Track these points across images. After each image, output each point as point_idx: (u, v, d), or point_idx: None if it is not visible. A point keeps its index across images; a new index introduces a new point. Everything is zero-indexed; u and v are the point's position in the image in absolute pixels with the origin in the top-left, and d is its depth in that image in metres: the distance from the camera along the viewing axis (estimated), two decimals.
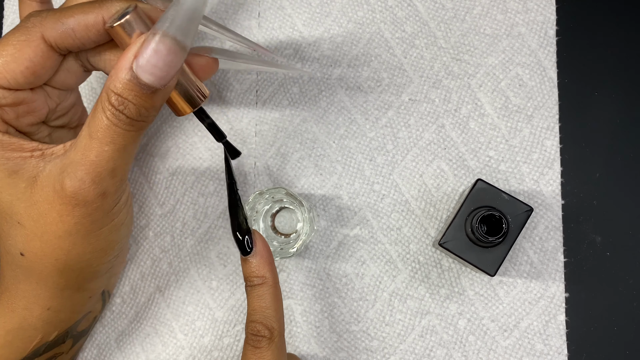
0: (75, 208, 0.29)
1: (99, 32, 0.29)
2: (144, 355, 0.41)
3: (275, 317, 0.32)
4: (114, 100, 0.27)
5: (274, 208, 0.41)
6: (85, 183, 0.28)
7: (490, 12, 0.41)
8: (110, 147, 0.28)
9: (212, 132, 0.32)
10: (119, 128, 0.27)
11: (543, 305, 0.39)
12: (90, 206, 0.29)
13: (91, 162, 0.28)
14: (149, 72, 0.26)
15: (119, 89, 0.27)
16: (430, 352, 0.39)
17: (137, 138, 0.29)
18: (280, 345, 0.32)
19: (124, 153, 0.28)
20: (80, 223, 0.29)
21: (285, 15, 0.42)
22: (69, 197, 0.28)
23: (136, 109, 0.27)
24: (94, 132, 0.28)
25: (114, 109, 0.27)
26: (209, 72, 0.32)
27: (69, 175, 0.28)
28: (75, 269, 0.31)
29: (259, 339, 0.31)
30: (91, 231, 0.30)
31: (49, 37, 0.29)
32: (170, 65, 0.26)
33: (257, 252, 0.32)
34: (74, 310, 0.34)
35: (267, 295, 0.32)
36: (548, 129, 0.40)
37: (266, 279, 0.32)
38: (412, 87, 0.41)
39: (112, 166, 0.28)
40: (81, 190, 0.28)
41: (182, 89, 0.30)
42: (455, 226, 0.35)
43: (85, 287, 0.33)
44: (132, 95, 0.27)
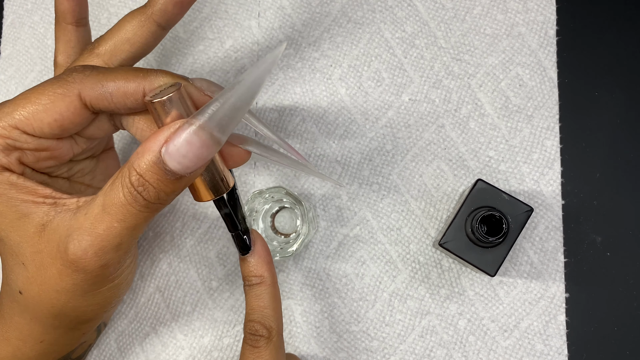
0: (74, 273, 0.28)
1: (137, 102, 0.29)
2: (143, 355, 0.41)
3: (274, 317, 0.32)
4: (134, 179, 0.26)
5: (274, 208, 0.41)
6: (88, 254, 0.28)
7: (491, 12, 0.41)
8: (121, 224, 0.27)
9: (227, 223, 0.31)
10: (133, 208, 0.27)
11: (543, 306, 0.39)
12: (89, 274, 0.29)
13: (98, 234, 0.27)
14: (177, 161, 0.25)
15: (142, 169, 0.26)
16: (431, 352, 0.39)
17: (150, 218, 0.28)
18: (279, 345, 0.32)
19: (133, 231, 0.28)
20: (78, 285, 0.29)
21: (285, 15, 0.42)
22: (70, 262, 0.28)
23: (156, 192, 0.26)
24: (108, 207, 0.27)
25: (133, 189, 0.26)
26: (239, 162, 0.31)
27: (73, 242, 0.28)
28: (70, 316, 0.31)
29: (257, 338, 0.31)
30: (89, 291, 0.30)
31: (86, 96, 0.28)
32: (200, 157, 0.26)
33: (256, 252, 0.32)
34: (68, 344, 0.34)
35: (265, 295, 0.32)
36: (548, 129, 0.40)
37: (264, 279, 0.32)
38: (412, 87, 0.41)
39: (119, 242, 0.28)
40: (82, 260, 0.28)
41: (207, 176, 0.29)
42: (455, 226, 0.35)
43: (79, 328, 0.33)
44: (154, 179, 0.26)
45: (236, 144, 0.30)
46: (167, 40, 0.43)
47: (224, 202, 0.31)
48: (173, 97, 0.27)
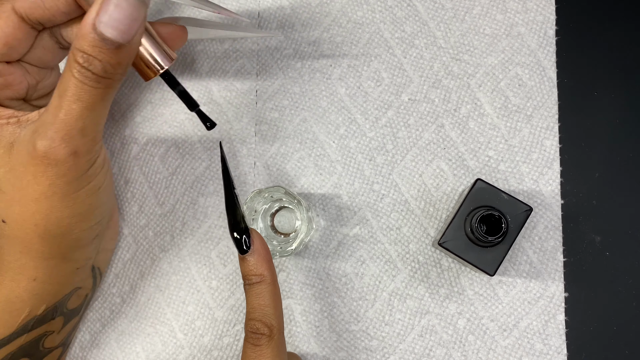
0: (48, 168, 0.29)
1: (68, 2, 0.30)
2: (144, 354, 0.41)
3: (275, 315, 0.32)
4: (79, 58, 0.27)
5: (274, 207, 0.41)
6: (55, 142, 0.28)
7: (490, 12, 0.41)
8: (78, 104, 0.28)
9: (184, 100, 0.32)
10: (85, 85, 0.28)
11: (542, 305, 0.39)
12: (62, 166, 0.29)
13: (60, 120, 0.28)
14: (112, 27, 0.27)
15: (83, 46, 0.27)
16: (430, 351, 0.39)
17: (106, 96, 0.29)
18: (280, 343, 0.32)
19: (93, 112, 0.29)
20: (55, 184, 0.30)
21: (285, 15, 0.42)
22: (41, 157, 0.29)
23: (102, 65, 0.27)
24: (62, 92, 0.28)
25: (80, 67, 0.27)
26: (177, 41, 0.33)
27: (39, 136, 0.28)
28: (56, 234, 0.31)
29: (259, 336, 0.31)
30: (67, 193, 0.30)
31: (19, 9, 0.30)
32: (132, 18, 0.27)
33: (255, 251, 0.32)
34: (61, 282, 0.34)
35: (266, 293, 0.32)
36: (547, 128, 0.40)
37: (264, 277, 0.32)
38: (411, 87, 0.41)
39: (82, 125, 0.29)
40: (51, 149, 0.28)
41: (148, 53, 0.30)
42: (454, 226, 0.35)
43: (70, 257, 0.33)
44: (96, 52, 0.27)
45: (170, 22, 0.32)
46: None
47: (174, 80, 0.32)
48: None
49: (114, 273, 0.42)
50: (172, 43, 0.33)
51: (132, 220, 0.42)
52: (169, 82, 0.32)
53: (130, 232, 0.42)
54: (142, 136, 0.43)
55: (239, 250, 0.32)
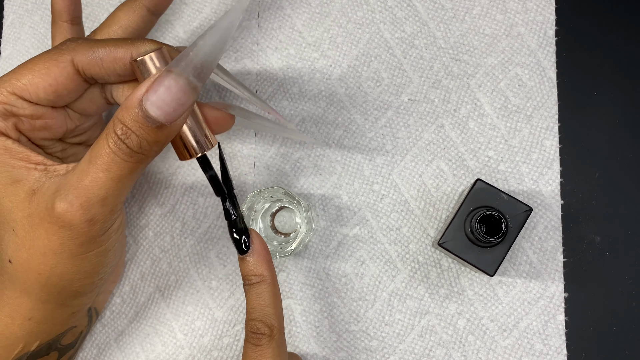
0: (61, 229, 0.29)
1: (125, 67, 0.31)
2: (143, 355, 0.41)
3: (275, 315, 0.32)
4: (118, 130, 0.28)
5: (273, 207, 0.41)
6: (74, 207, 0.28)
7: (490, 12, 0.41)
8: (105, 174, 0.28)
9: (213, 185, 0.32)
10: (117, 157, 0.28)
11: (542, 305, 0.39)
12: (75, 230, 0.29)
13: (83, 187, 0.28)
14: (157, 107, 0.27)
15: (125, 119, 0.27)
16: (430, 351, 0.39)
17: (135, 171, 0.29)
18: (281, 343, 0.32)
19: (118, 183, 0.29)
20: (65, 244, 0.30)
21: (285, 15, 0.42)
22: (56, 217, 0.29)
23: (138, 140, 0.28)
24: (93, 158, 0.28)
25: (117, 138, 0.28)
26: (223, 126, 0.33)
27: (59, 196, 0.29)
28: (57, 285, 0.31)
29: (259, 336, 0.31)
30: (76, 254, 0.30)
31: (78, 62, 0.30)
32: (179, 103, 0.27)
33: (255, 251, 0.32)
34: (56, 323, 0.34)
35: (266, 293, 0.32)
36: (547, 129, 0.40)
37: (264, 277, 0.32)
38: (411, 87, 0.41)
39: (104, 194, 0.29)
40: (68, 214, 0.28)
41: (190, 133, 0.30)
42: (454, 226, 0.35)
43: (67, 304, 0.33)
44: (136, 127, 0.27)
45: (219, 109, 0.32)
46: (167, 41, 0.43)
47: (208, 163, 0.32)
48: (154, 55, 0.29)
49: None
50: (216, 127, 0.33)
51: (132, 220, 0.42)
52: (202, 165, 0.32)
53: (130, 232, 0.42)
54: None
55: (238, 250, 0.32)
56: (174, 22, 0.43)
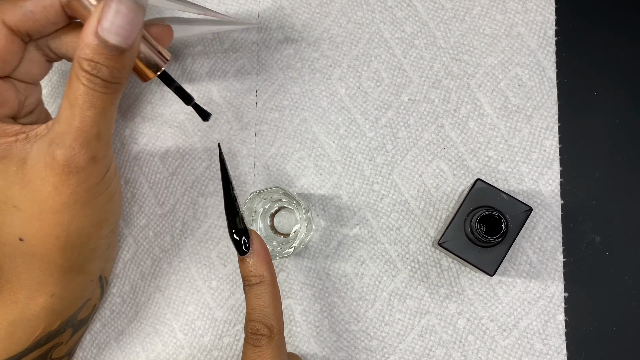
0: (70, 176, 0.29)
1: (57, 12, 0.31)
2: (144, 354, 0.41)
3: (274, 316, 0.32)
4: (86, 66, 0.28)
5: (273, 208, 0.41)
6: (75, 149, 0.29)
7: (490, 12, 0.41)
8: (92, 111, 0.29)
9: (180, 95, 0.33)
10: (96, 92, 0.28)
11: (542, 305, 0.39)
12: (83, 172, 0.29)
13: (76, 128, 0.29)
14: (115, 33, 0.27)
15: (89, 54, 0.28)
16: (430, 351, 0.39)
17: (115, 100, 0.30)
18: (280, 344, 0.32)
19: (105, 116, 0.29)
20: (76, 192, 0.30)
21: (285, 15, 0.42)
22: (62, 166, 0.29)
23: (109, 70, 0.28)
24: (73, 101, 0.28)
25: (89, 74, 0.28)
26: (165, 39, 0.34)
27: (58, 146, 0.29)
28: (76, 245, 0.32)
29: (259, 337, 0.31)
30: (87, 201, 0.31)
31: (9, 22, 0.30)
32: (133, 23, 0.28)
33: (254, 252, 0.32)
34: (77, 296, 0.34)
35: (265, 294, 0.32)
36: (547, 128, 0.40)
37: (264, 278, 0.32)
38: (411, 87, 0.41)
39: (97, 130, 0.29)
40: (72, 157, 0.29)
41: (145, 55, 0.32)
42: (454, 226, 0.35)
43: (86, 269, 0.33)
44: (102, 58, 0.28)
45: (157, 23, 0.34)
46: None
47: (170, 78, 0.33)
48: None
49: (114, 273, 0.42)
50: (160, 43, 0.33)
51: (132, 220, 0.42)
52: (165, 80, 0.33)
53: (130, 232, 0.42)
54: (142, 136, 0.43)
55: (238, 251, 0.32)
56: None
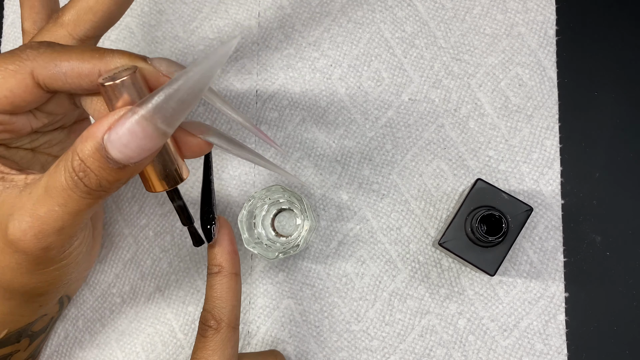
0: (15, 253, 0.27)
1: (92, 84, 0.27)
2: (144, 354, 0.41)
3: (226, 309, 0.31)
4: (76, 164, 0.25)
5: (272, 211, 0.41)
6: (27, 236, 0.26)
7: (490, 12, 0.41)
8: (62, 209, 0.26)
9: (180, 214, 0.30)
10: (74, 194, 0.26)
11: (543, 305, 0.39)
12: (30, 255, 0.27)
13: (38, 217, 0.26)
14: (118, 150, 0.24)
15: (84, 155, 0.25)
16: (430, 351, 0.39)
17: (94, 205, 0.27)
18: (227, 338, 0.31)
19: (76, 217, 0.27)
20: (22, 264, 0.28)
21: (285, 15, 0.42)
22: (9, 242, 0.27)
23: (97, 180, 0.25)
24: (50, 189, 0.26)
25: (74, 174, 0.25)
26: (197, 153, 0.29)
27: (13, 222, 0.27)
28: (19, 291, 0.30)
29: (206, 328, 0.31)
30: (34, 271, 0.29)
31: (38, 75, 0.27)
32: (143, 149, 0.24)
33: (217, 240, 0.32)
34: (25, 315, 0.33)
35: (219, 285, 0.32)
36: (548, 128, 0.40)
37: (222, 268, 0.32)
38: (411, 86, 0.41)
39: (60, 226, 0.26)
40: (21, 242, 0.27)
41: (159, 166, 0.27)
42: (454, 226, 0.35)
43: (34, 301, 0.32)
44: (95, 166, 0.25)
45: (196, 134, 0.28)
46: (167, 40, 0.43)
47: (177, 194, 0.30)
48: (125, 82, 0.26)
49: (114, 273, 0.42)
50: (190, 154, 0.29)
51: (133, 220, 0.42)
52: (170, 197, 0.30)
53: (130, 232, 0.42)
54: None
55: (206, 238, 0.32)
56: (174, 22, 0.43)
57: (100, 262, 0.42)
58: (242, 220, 0.36)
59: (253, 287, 0.41)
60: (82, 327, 0.42)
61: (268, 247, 0.38)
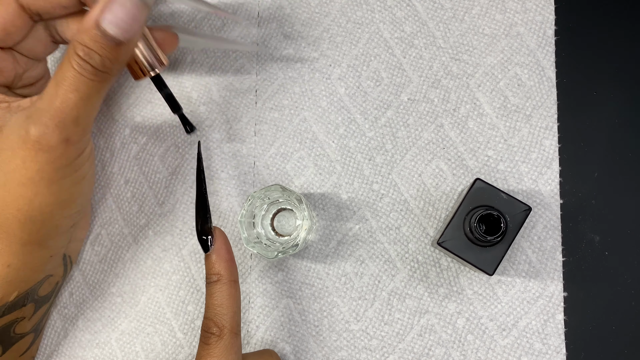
0: (39, 153, 0.29)
1: None
2: (143, 354, 0.41)
3: (227, 316, 0.32)
4: (80, 51, 0.28)
5: (272, 211, 0.41)
6: (49, 128, 0.29)
7: (489, 12, 0.41)
8: (75, 95, 0.29)
9: (169, 102, 0.34)
10: (83, 77, 0.29)
11: (541, 305, 0.39)
12: (53, 152, 0.30)
13: (56, 108, 0.29)
14: (115, 25, 0.28)
15: (85, 40, 0.28)
16: (429, 351, 0.39)
17: (101, 89, 0.30)
18: (230, 344, 0.32)
19: (88, 102, 0.30)
20: (43, 170, 0.30)
21: (285, 15, 0.43)
22: (33, 142, 0.29)
23: (101, 59, 0.29)
24: (60, 81, 0.29)
25: (80, 59, 0.29)
26: (169, 46, 0.35)
27: (33, 121, 0.29)
28: (37, 220, 0.32)
29: (209, 335, 0.32)
30: (54, 180, 0.31)
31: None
32: (135, 19, 0.29)
33: (215, 250, 0.33)
34: (34, 269, 0.34)
35: (219, 293, 0.33)
36: (547, 128, 0.40)
37: (221, 276, 0.33)
38: (411, 86, 0.41)
39: (76, 114, 0.29)
40: (45, 135, 0.29)
41: (143, 55, 0.32)
42: (453, 225, 0.35)
43: (46, 244, 0.33)
44: (97, 47, 0.28)
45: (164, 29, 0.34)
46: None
47: (163, 82, 0.34)
48: None
49: (114, 273, 0.42)
50: (163, 48, 0.34)
51: (133, 220, 0.42)
52: (157, 84, 0.33)
53: (130, 231, 0.42)
54: (142, 136, 0.43)
55: (203, 248, 0.33)
56: (174, 22, 0.44)
57: (101, 262, 0.42)
58: (241, 219, 0.37)
59: (252, 287, 0.41)
60: (82, 327, 0.42)
61: (267, 246, 0.38)
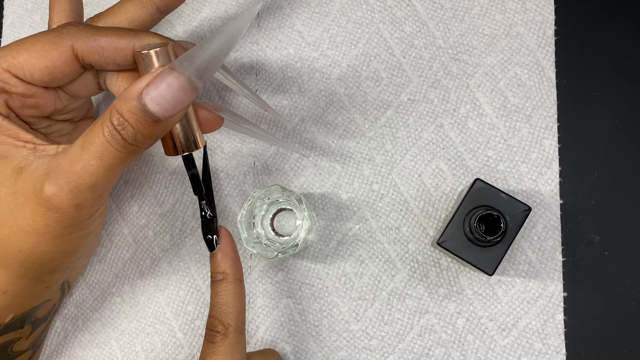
0: (48, 212, 0.29)
1: (125, 58, 0.31)
2: (143, 354, 0.41)
3: (233, 314, 0.33)
4: (114, 119, 0.28)
5: (271, 211, 0.41)
6: (63, 191, 0.29)
7: (489, 12, 0.41)
8: (97, 162, 0.28)
9: (192, 183, 0.33)
10: (111, 146, 0.28)
11: (541, 305, 0.39)
12: (62, 214, 0.29)
13: (74, 172, 0.28)
14: (156, 102, 0.27)
15: (123, 110, 0.28)
16: (429, 351, 0.39)
17: (126, 161, 0.29)
18: (236, 342, 0.33)
19: (109, 172, 0.29)
20: (50, 226, 0.30)
21: (285, 15, 0.43)
22: (45, 199, 0.29)
23: (134, 133, 0.28)
24: (87, 145, 0.28)
25: (113, 128, 0.28)
26: (211, 127, 0.33)
27: (49, 179, 0.29)
28: (36, 262, 0.32)
29: (214, 334, 0.32)
30: (59, 235, 0.30)
31: (78, 49, 0.30)
32: (179, 101, 0.28)
33: (220, 249, 0.33)
34: (31, 297, 0.34)
35: (225, 292, 0.33)
36: (546, 128, 0.40)
37: (227, 275, 0.33)
38: (410, 87, 0.41)
39: (94, 181, 0.29)
40: (57, 197, 0.29)
41: (181, 131, 0.31)
42: (453, 225, 0.35)
43: (43, 279, 0.34)
44: (133, 119, 0.28)
45: (211, 110, 0.33)
46: None
47: (192, 162, 0.33)
48: (160, 50, 0.30)
49: (113, 273, 0.42)
50: (205, 127, 0.33)
51: (132, 220, 0.42)
52: (186, 164, 0.33)
53: (130, 231, 0.42)
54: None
55: (209, 248, 0.34)
56: (174, 22, 0.44)
57: (100, 262, 0.42)
58: (241, 220, 0.37)
59: (252, 287, 0.41)
60: (82, 327, 0.42)
61: (267, 246, 0.38)
